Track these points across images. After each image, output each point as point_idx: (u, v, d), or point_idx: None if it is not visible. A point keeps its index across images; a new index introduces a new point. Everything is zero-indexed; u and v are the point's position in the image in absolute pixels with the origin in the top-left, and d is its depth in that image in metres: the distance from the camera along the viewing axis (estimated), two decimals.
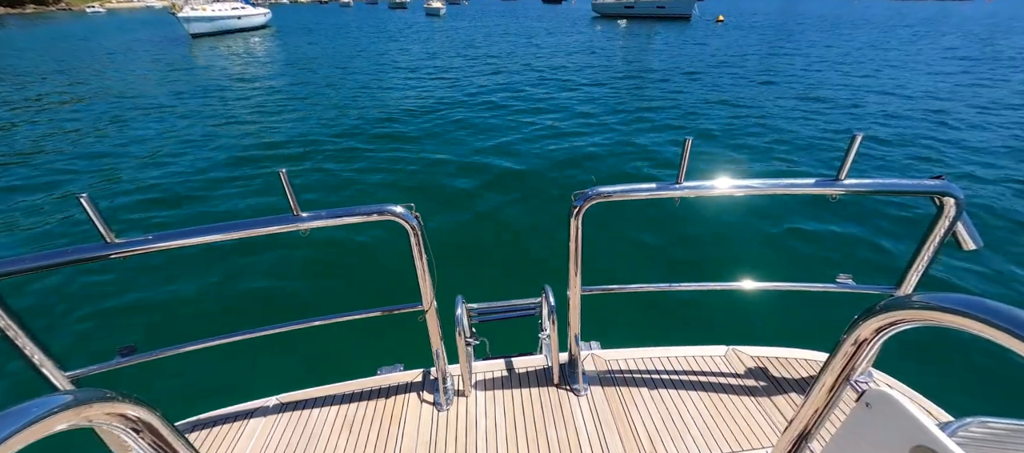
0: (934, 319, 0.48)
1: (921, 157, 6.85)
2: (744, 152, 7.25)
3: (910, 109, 9.48)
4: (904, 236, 4.60)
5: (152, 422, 0.51)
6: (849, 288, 1.51)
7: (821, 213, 5.05)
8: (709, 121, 8.99)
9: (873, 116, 9.10)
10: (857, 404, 0.61)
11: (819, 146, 7.45)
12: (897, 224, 4.83)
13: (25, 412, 0.36)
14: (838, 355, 0.60)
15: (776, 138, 7.88)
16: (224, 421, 1.68)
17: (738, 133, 8.14)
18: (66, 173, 7.09)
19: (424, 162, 7.14)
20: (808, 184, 1.31)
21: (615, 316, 3.33)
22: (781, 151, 7.29)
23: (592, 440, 1.54)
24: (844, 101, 10.32)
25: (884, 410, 0.57)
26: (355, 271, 4.31)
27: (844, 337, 0.59)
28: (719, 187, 1.35)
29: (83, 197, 1.07)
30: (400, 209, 1.32)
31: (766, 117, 9.10)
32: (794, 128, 8.37)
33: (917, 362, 3.00)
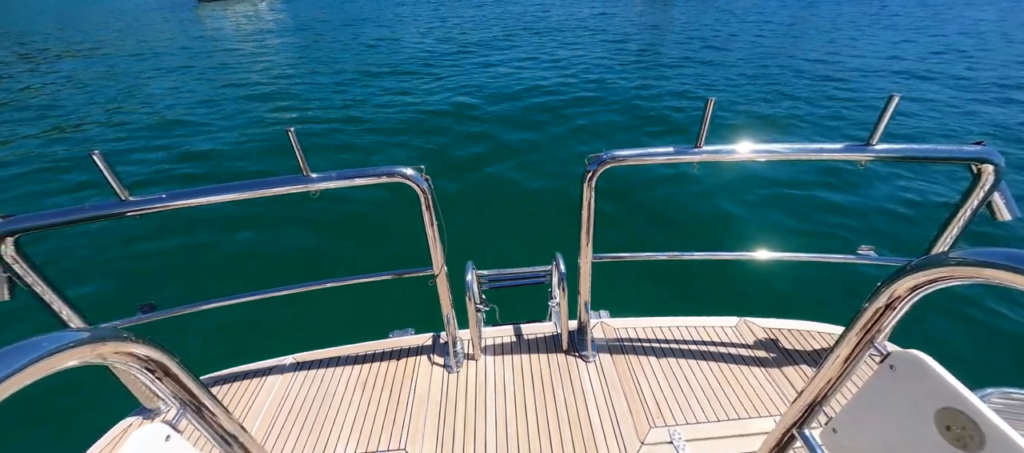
0: (983, 276, 0.45)
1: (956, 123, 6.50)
2: (768, 118, 6.98)
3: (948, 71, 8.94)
4: (929, 207, 4.43)
5: (167, 364, 0.52)
6: (871, 260, 1.46)
7: (845, 181, 4.87)
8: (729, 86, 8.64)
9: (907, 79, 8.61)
10: (880, 366, 0.59)
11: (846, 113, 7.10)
12: (925, 194, 4.64)
13: (36, 346, 0.37)
14: (866, 315, 0.58)
15: (805, 100, 7.55)
16: (244, 377, 1.75)
17: (759, 99, 7.82)
18: (76, 130, 7.18)
19: (434, 126, 7.06)
20: (836, 149, 1.25)
21: (625, 286, 3.32)
22: (811, 114, 6.96)
23: (599, 404, 1.57)
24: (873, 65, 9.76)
25: (910, 372, 0.55)
26: (366, 234, 4.35)
27: (874, 296, 0.56)
28: (740, 152, 1.29)
29: (96, 154, 1.06)
30: (410, 171, 1.30)
31: (791, 82, 8.71)
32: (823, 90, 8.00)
33: (919, 338, 2.97)
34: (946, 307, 3.14)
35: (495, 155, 5.97)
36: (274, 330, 3.16)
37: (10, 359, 0.35)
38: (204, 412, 0.63)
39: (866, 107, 7.20)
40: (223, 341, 3.09)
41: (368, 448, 1.46)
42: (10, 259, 1.13)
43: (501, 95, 8.35)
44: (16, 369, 0.35)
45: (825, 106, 7.37)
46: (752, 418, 1.49)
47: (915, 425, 0.55)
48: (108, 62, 11.90)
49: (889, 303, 0.54)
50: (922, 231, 4.10)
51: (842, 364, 0.65)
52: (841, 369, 0.66)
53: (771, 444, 0.86)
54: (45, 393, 2.72)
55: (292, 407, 1.61)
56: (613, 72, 9.69)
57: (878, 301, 0.55)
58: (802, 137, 6.40)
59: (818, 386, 0.70)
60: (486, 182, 5.30)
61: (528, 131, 6.74)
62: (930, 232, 1.36)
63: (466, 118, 7.34)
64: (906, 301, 0.53)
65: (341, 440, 1.49)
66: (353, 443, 1.48)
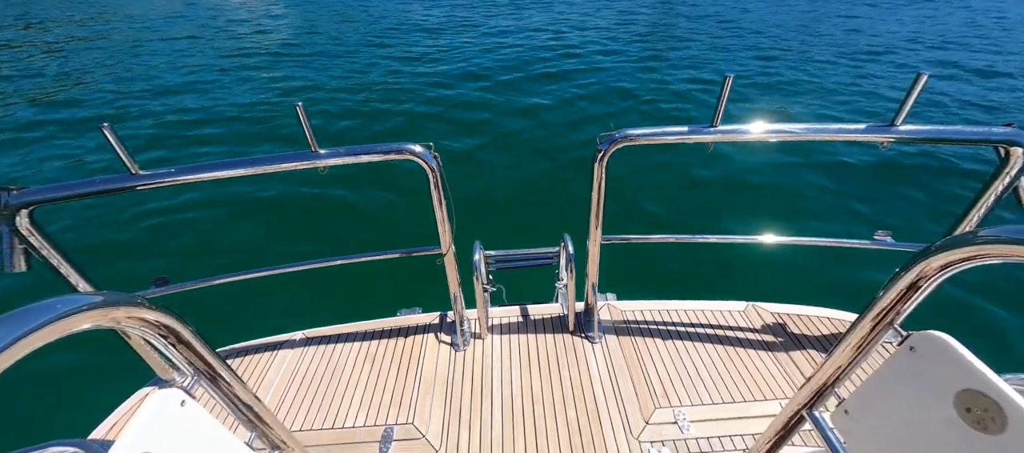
0: (1021, 255, 0.43)
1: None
2: (789, 96, 6.78)
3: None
4: (949, 194, 4.32)
5: (180, 330, 0.52)
6: (887, 245, 1.43)
7: (865, 164, 4.75)
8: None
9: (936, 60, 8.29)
10: (899, 348, 0.58)
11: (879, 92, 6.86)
12: (947, 179, 4.51)
13: (49, 308, 0.37)
14: (889, 294, 0.56)
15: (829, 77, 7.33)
16: (255, 351, 1.78)
17: (784, 79, 7.58)
18: (85, 103, 7.21)
19: (444, 99, 6.97)
20: (858, 130, 1.21)
21: (633, 268, 3.31)
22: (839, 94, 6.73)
23: (605, 385, 1.58)
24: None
25: (932, 354, 0.54)
26: (374, 212, 4.35)
27: (899, 275, 0.54)
28: (757, 132, 1.25)
29: (105, 126, 1.06)
30: (419, 148, 1.28)
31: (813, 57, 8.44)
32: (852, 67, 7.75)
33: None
34: (952, 295, 3.10)
35: (501, 131, 5.91)
36: (283, 307, 3.20)
37: (24, 319, 0.35)
38: (218, 381, 0.63)
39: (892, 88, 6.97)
40: (233, 316, 3.14)
41: (377, 422, 1.49)
42: (25, 231, 1.15)
43: (511, 65, 8.22)
44: (30, 329, 0.35)
45: (851, 86, 7.13)
46: (758, 401, 1.49)
47: (933, 407, 0.54)
48: (111, 30, 11.82)
49: (915, 282, 0.53)
50: (935, 219, 4.02)
51: (859, 345, 0.64)
52: (857, 350, 0.65)
53: (779, 425, 0.85)
54: (66, 367, 2.81)
55: (302, 381, 1.65)
56: (622, 44, 9.45)
57: (903, 280, 0.54)
58: (822, 117, 6.23)
59: (832, 367, 0.70)
60: (493, 160, 5.25)
61: (537, 100, 6.63)
62: (944, 223, 1.33)
63: (473, 88, 7.25)
64: (933, 280, 0.52)
65: (350, 413, 1.52)
66: (362, 417, 1.51)
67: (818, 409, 0.77)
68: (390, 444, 1.42)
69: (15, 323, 0.34)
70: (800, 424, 0.82)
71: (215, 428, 0.59)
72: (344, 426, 1.48)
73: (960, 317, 3.03)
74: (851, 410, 0.68)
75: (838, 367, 0.68)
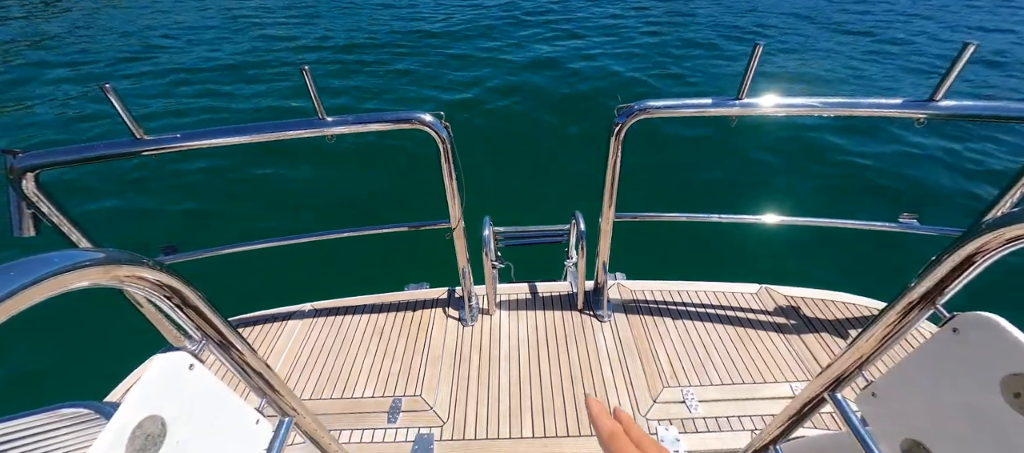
0: None
1: None
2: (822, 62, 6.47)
3: None
4: (980, 176, 4.15)
5: (185, 293, 0.50)
6: (913, 229, 1.38)
7: (895, 141, 4.56)
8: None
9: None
10: (941, 330, 0.55)
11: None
12: (982, 160, 4.30)
13: (48, 261, 0.34)
14: (934, 274, 0.53)
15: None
16: (265, 321, 1.79)
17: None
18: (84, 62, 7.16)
19: (453, 66, 6.79)
20: (893, 105, 1.14)
21: (643, 247, 3.27)
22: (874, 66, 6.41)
23: (613, 363, 1.57)
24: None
25: (978, 337, 0.50)
26: (382, 183, 4.31)
27: (951, 250, 0.50)
28: (785, 106, 1.19)
29: (107, 87, 1.03)
30: (429, 117, 1.24)
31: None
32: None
33: None
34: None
35: (520, 102, 5.78)
36: (292, 278, 3.22)
37: (22, 272, 0.33)
38: (228, 348, 0.62)
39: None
40: (241, 287, 3.18)
41: (385, 393, 1.50)
42: (33, 195, 1.13)
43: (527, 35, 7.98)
44: (27, 283, 0.33)
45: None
46: (768, 383, 1.48)
47: (976, 392, 0.51)
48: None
49: (971, 257, 0.49)
50: (955, 206, 3.89)
51: (895, 325, 0.60)
52: (893, 330, 0.62)
53: (797, 406, 0.83)
54: (80, 336, 2.87)
55: (312, 351, 1.66)
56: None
57: (956, 256, 0.50)
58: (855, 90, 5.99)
59: (862, 348, 0.67)
60: (507, 130, 5.14)
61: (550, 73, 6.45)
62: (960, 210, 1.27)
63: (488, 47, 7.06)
64: (990, 257, 0.48)
65: (359, 384, 1.53)
66: (371, 388, 1.52)
67: (841, 392, 0.75)
68: (398, 415, 1.43)
69: (11, 276, 0.32)
70: (820, 406, 0.80)
71: (224, 392, 0.58)
72: (353, 396, 1.50)
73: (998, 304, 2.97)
74: (879, 393, 0.65)
75: (869, 348, 0.65)
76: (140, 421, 0.44)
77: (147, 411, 0.45)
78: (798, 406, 0.83)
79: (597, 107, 5.54)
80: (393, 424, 1.41)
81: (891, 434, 0.64)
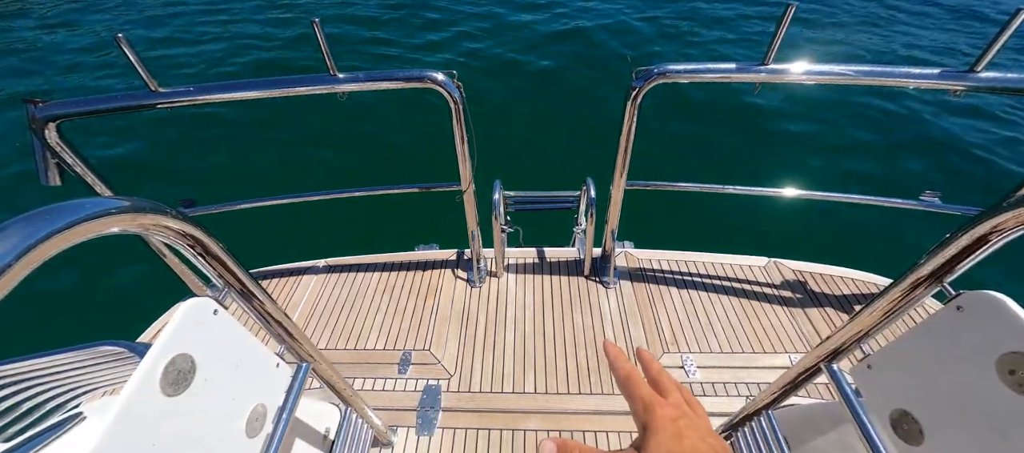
0: None
1: None
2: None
3: None
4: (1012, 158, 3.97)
5: (206, 243, 0.53)
6: (935, 208, 1.35)
7: (933, 116, 4.33)
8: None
9: None
10: (945, 307, 0.55)
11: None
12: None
13: (79, 207, 0.36)
14: (947, 250, 0.53)
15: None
16: (281, 275, 1.86)
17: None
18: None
19: (464, 21, 6.55)
20: (929, 75, 1.09)
21: (653, 216, 3.25)
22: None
23: (616, 328, 1.61)
24: None
25: (981, 315, 0.51)
26: (393, 142, 4.29)
27: (966, 229, 0.50)
28: (813, 73, 1.14)
29: (120, 38, 1.03)
30: (441, 76, 1.22)
31: None
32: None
33: None
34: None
35: (530, 63, 5.60)
36: (306, 235, 3.31)
37: (54, 217, 0.35)
38: (249, 297, 0.65)
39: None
40: (257, 242, 3.27)
41: (396, 347, 1.57)
42: (56, 145, 1.16)
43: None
44: (60, 227, 0.35)
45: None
46: (767, 353, 1.51)
47: (971, 367, 0.52)
48: None
49: (985, 236, 0.49)
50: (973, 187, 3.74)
51: (900, 300, 0.61)
52: (897, 305, 0.62)
53: (793, 374, 0.86)
54: (107, 287, 3.01)
55: (326, 305, 1.73)
56: None
57: (969, 235, 0.50)
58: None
59: (862, 323, 0.68)
60: (518, 95, 5.02)
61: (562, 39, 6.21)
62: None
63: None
64: (1004, 237, 0.47)
65: (371, 337, 1.61)
66: (382, 341, 1.59)
67: (837, 363, 0.76)
68: (408, 366, 1.50)
69: (45, 221, 0.34)
70: (815, 376, 0.82)
71: (247, 337, 0.62)
72: (366, 348, 1.57)
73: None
74: (875, 365, 0.67)
75: (870, 322, 0.66)
76: (172, 357, 0.48)
77: (178, 349, 0.49)
78: (794, 374, 0.85)
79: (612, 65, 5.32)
80: (404, 375, 1.48)
81: (882, 405, 0.66)
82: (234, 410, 0.60)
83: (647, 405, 0.34)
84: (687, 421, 0.33)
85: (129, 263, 3.03)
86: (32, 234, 0.33)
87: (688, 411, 0.34)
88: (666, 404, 0.34)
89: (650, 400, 0.34)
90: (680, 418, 0.33)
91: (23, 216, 0.34)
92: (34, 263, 0.33)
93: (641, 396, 0.35)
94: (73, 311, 2.91)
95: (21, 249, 0.32)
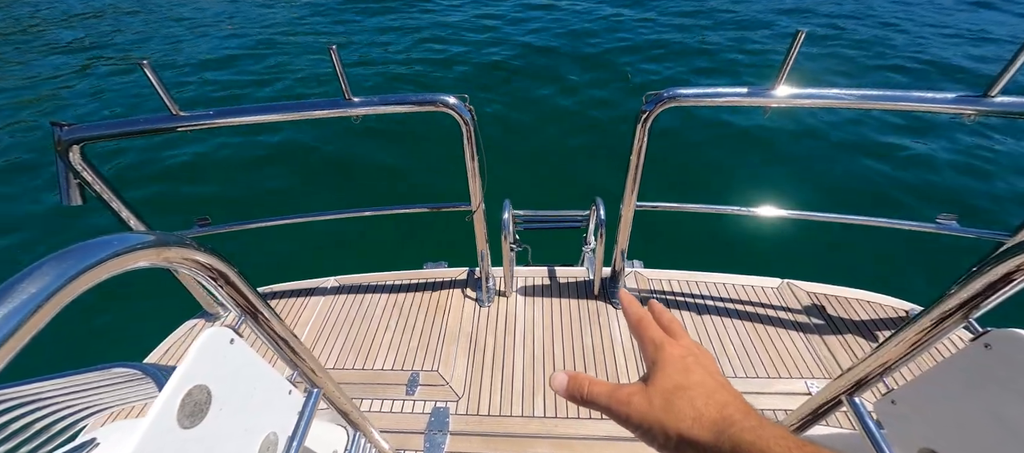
0: None
1: None
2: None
3: None
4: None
5: (228, 273, 0.53)
6: (952, 231, 1.32)
7: (943, 139, 4.31)
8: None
9: None
10: (972, 344, 0.53)
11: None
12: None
13: (107, 244, 0.37)
14: (973, 285, 0.51)
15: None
16: (290, 295, 1.87)
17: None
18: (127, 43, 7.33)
19: (473, 41, 6.70)
20: (944, 99, 1.08)
21: (663, 236, 3.21)
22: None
23: (627, 350, 1.58)
24: None
25: (1011, 354, 0.49)
26: (404, 163, 4.33)
27: (995, 262, 0.49)
28: (826, 98, 1.14)
29: (145, 64, 1.06)
30: (453, 100, 1.24)
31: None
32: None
33: None
34: None
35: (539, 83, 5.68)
36: (316, 253, 3.33)
37: (84, 254, 0.35)
38: (260, 319, 0.66)
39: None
40: (269, 260, 3.30)
41: (404, 367, 1.56)
42: (79, 166, 1.20)
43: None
44: (91, 264, 0.36)
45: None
46: (783, 378, 1.47)
47: (1003, 409, 0.50)
48: None
49: (1002, 278, 0.47)
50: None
51: (924, 334, 0.59)
52: (920, 339, 0.60)
53: (814, 405, 0.83)
54: (117, 298, 3.04)
55: (335, 324, 1.73)
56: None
57: (988, 275, 0.48)
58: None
59: (887, 355, 0.66)
60: (527, 113, 5.07)
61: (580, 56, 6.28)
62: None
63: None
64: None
65: (379, 357, 1.60)
66: (390, 361, 1.58)
67: (860, 395, 0.74)
68: (416, 388, 1.49)
69: (76, 258, 0.35)
70: (836, 408, 0.80)
71: (261, 365, 0.62)
72: (374, 368, 1.56)
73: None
74: (900, 400, 0.64)
75: (895, 354, 0.64)
76: (189, 389, 0.48)
77: (195, 381, 0.49)
78: (814, 406, 0.83)
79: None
80: (411, 396, 1.47)
81: (906, 442, 0.64)
82: (248, 440, 0.59)
83: (657, 344, 0.36)
84: (694, 358, 0.35)
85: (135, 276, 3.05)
86: (64, 273, 0.34)
87: (697, 351, 0.36)
88: (676, 343, 0.36)
89: (660, 339, 0.37)
90: (688, 356, 0.35)
91: (55, 255, 0.35)
92: (66, 300, 0.34)
93: (652, 337, 0.37)
94: (78, 323, 2.93)
95: (55, 287, 0.33)
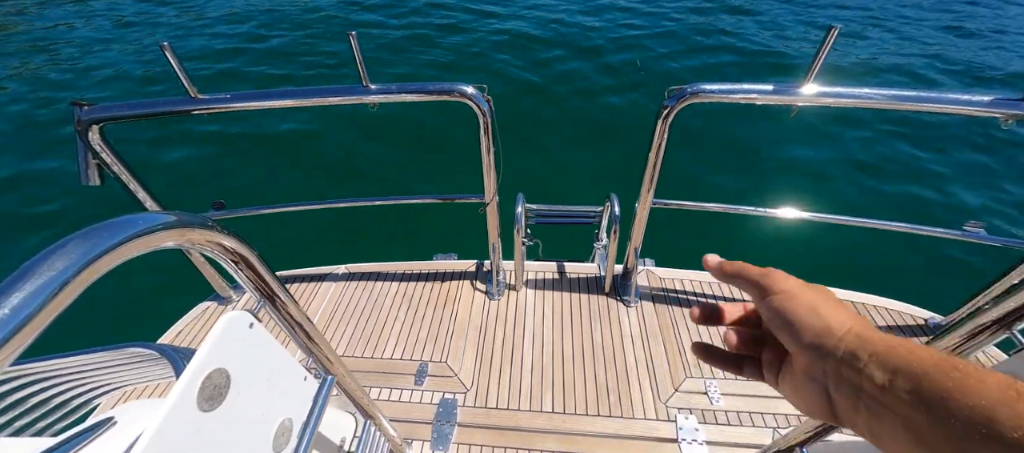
0: None
1: None
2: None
3: None
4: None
5: (248, 256, 0.53)
6: (979, 239, 1.28)
7: (973, 147, 4.19)
8: None
9: None
10: (1013, 356, 0.51)
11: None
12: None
13: (132, 222, 0.37)
14: (1013, 297, 0.49)
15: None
16: (301, 280, 1.88)
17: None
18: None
19: (494, 30, 6.56)
20: (979, 103, 1.04)
21: (673, 233, 3.17)
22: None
23: (637, 349, 1.57)
24: None
25: None
26: (413, 151, 4.33)
27: None
28: (857, 97, 1.10)
29: (165, 46, 1.06)
30: (471, 90, 1.23)
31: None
32: None
33: None
34: None
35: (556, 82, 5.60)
36: (328, 240, 3.34)
37: (110, 233, 0.35)
38: (278, 304, 0.65)
39: None
40: (282, 245, 3.33)
41: (413, 357, 1.56)
42: (98, 146, 1.21)
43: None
44: (115, 243, 0.35)
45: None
46: None
47: None
48: None
49: None
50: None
51: (958, 347, 0.57)
52: (953, 350, 0.58)
53: None
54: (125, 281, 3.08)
55: (345, 311, 1.73)
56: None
57: None
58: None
59: None
60: (546, 108, 5.02)
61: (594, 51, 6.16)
62: None
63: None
64: None
65: (389, 346, 1.60)
66: (399, 350, 1.59)
67: None
68: (425, 378, 1.49)
69: (101, 238, 0.34)
70: None
71: (279, 350, 0.62)
72: (383, 357, 1.57)
73: None
74: None
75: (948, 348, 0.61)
76: (209, 372, 0.48)
77: (215, 364, 0.49)
78: None
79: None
80: (420, 386, 1.47)
81: None
82: (263, 425, 0.59)
83: (762, 272, 0.39)
84: (814, 291, 0.37)
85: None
86: (89, 251, 0.33)
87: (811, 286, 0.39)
88: (777, 272, 0.39)
89: (765, 269, 0.39)
90: (808, 288, 0.38)
91: (81, 233, 0.34)
92: (92, 278, 0.34)
93: (753, 272, 0.40)
94: (93, 306, 2.98)
95: (81, 264, 0.33)
